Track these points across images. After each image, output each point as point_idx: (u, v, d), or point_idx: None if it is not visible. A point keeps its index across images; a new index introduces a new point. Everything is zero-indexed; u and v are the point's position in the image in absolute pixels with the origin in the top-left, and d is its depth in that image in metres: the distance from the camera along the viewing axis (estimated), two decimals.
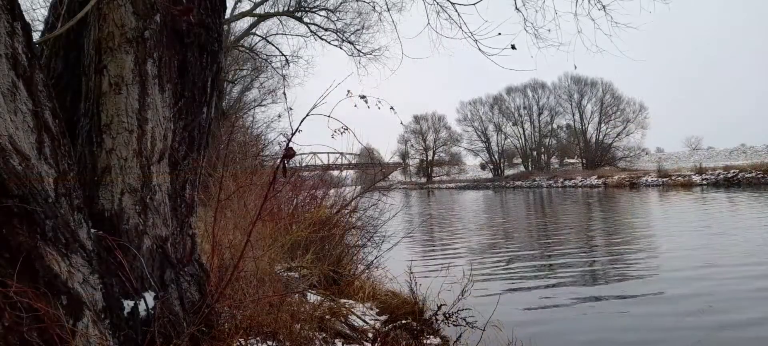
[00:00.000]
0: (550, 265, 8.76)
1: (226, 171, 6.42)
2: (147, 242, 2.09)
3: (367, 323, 4.37)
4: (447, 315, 4.08)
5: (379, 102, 2.76)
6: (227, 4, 3.58)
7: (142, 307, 1.95)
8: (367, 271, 6.38)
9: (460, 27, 5.70)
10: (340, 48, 20.03)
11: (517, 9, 5.85)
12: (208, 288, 2.35)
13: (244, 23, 21.73)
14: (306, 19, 20.37)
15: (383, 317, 4.67)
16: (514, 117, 72.10)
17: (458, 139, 77.67)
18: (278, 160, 2.15)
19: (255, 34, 22.22)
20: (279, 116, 22.72)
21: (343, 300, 4.71)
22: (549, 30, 8.07)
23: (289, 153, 2.07)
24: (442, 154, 79.03)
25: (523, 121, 71.76)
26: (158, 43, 2.13)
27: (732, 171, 32.97)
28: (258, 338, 2.85)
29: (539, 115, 70.80)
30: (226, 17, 3.71)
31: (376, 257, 6.62)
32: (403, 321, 4.27)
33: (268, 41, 22.35)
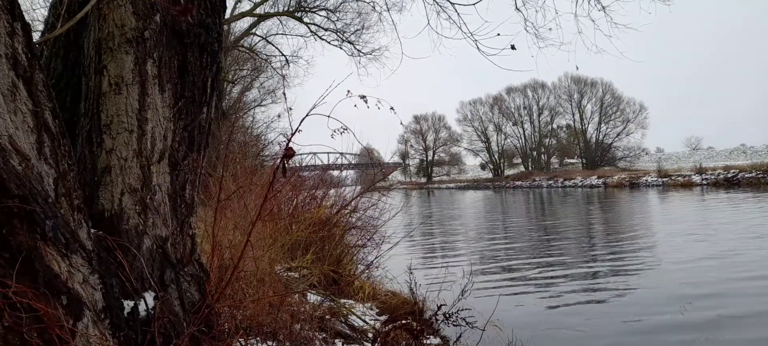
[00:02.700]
0: (551, 265, 8.76)
1: (226, 171, 6.41)
2: (147, 242, 2.09)
3: (367, 323, 4.37)
4: (447, 315, 4.08)
5: (379, 102, 2.75)
6: (227, 4, 3.58)
7: (142, 307, 1.94)
8: (367, 271, 6.38)
9: (460, 27, 5.71)
10: (340, 48, 20.04)
11: (518, 9, 5.86)
12: (208, 288, 2.35)
13: (244, 23, 21.74)
14: (306, 19, 20.37)
15: (383, 317, 4.67)
16: (514, 117, 72.19)
17: (458, 139, 77.80)
18: (278, 160, 2.15)
19: (255, 34, 22.22)
20: (279, 116, 22.78)
21: (343, 300, 4.71)
22: (550, 29, 8.06)
23: (288, 153, 2.07)
24: (442, 155, 79.08)
25: (523, 121, 71.88)
26: (158, 43, 2.13)
27: (732, 171, 32.99)
28: (258, 338, 2.85)
29: (539, 115, 70.91)
30: (226, 17, 3.71)
31: (376, 257, 6.62)
32: (403, 321, 4.27)
33: (268, 41, 22.35)
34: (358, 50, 19.42)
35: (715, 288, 6.35)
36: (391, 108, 2.93)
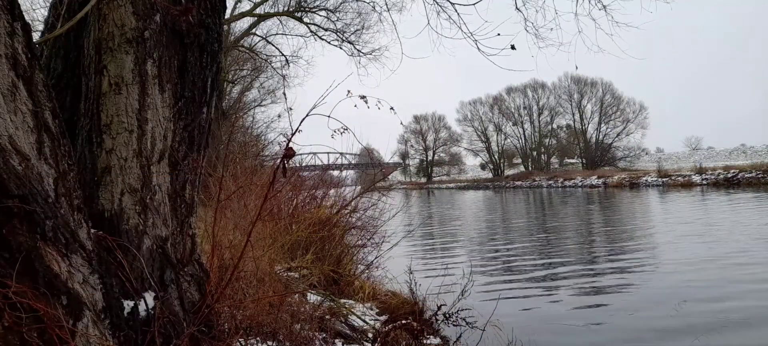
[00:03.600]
0: (551, 265, 8.76)
1: (226, 171, 6.41)
2: (147, 242, 2.09)
3: (367, 323, 4.37)
4: (447, 315, 4.09)
5: (379, 102, 2.75)
6: (227, 4, 3.58)
7: (142, 307, 1.94)
8: (367, 271, 6.38)
9: (460, 27, 5.70)
10: (340, 48, 20.05)
11: (518, 9, 5.85)
12: (208, 288, 2.35)
13: (244, 23, 21.76)
14: (306, 19, 20.38)
15: (383, 317, 4.67)
16: (514, 117, 72.19)
17: (458, 139, 77.81)
18: (278, 160, 2.15)
19: (255, 34, 22.24)
20: (279, 116, 22.79)
21: (343, 300, 4.71)
22: (551, 29, 8.04)
23: (289, 153, 2.07)
24: (442, 155, 79.07)
25: (523, 121, 71.87)
26: (158, 44, 2.13)
27: (732, 171, 32.95)
28: (258, 338, 2.85)
29: (539, 115, 70.91)
30: (226, 17, 3.71)
31: (376, 257, 6.62)
32: (403, 321, 4.27)
33: (268, 41, 22.37)
34: (358, 50, 19.44)
35: (716, 290, 6.35)
36: (391, 108, 2.93)
